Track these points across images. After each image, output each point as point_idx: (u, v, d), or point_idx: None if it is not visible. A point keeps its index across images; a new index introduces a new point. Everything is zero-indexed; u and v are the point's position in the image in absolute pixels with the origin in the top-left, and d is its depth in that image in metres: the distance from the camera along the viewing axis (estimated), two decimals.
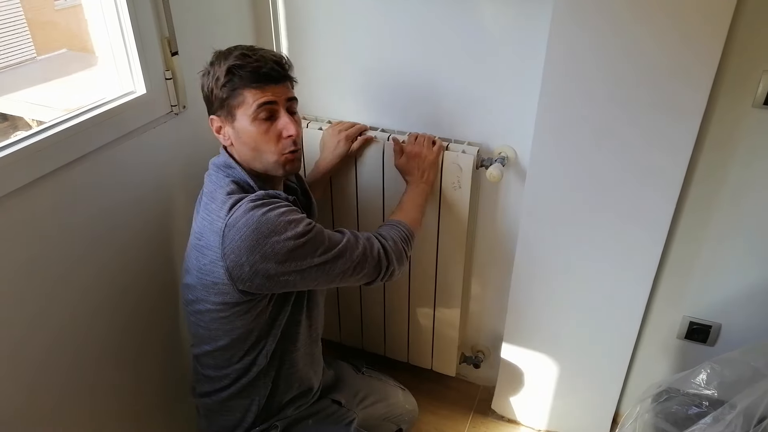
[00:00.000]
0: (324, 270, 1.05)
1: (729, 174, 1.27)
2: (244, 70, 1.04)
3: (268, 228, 0.99)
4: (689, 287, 1.44)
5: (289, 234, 1.00)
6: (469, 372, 1.89)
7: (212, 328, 1.11)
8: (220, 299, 1.05)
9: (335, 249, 1.06)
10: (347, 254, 1.07)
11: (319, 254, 1.04)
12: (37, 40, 1.45)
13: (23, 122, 1.63)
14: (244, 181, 1.08)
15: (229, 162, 1.09)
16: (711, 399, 1.22)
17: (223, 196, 1.04)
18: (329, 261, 1.05)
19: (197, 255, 1.05)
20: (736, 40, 1.13)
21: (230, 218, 1.00)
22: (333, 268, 1.06)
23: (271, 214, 1.00)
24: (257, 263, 1.00)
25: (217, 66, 1.06)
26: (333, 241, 1.06)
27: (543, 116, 1.28)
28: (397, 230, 1.21)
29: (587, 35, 1.16)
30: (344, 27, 1.45)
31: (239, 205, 1.01)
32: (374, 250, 1.12)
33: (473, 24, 1.33)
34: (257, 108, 1.05)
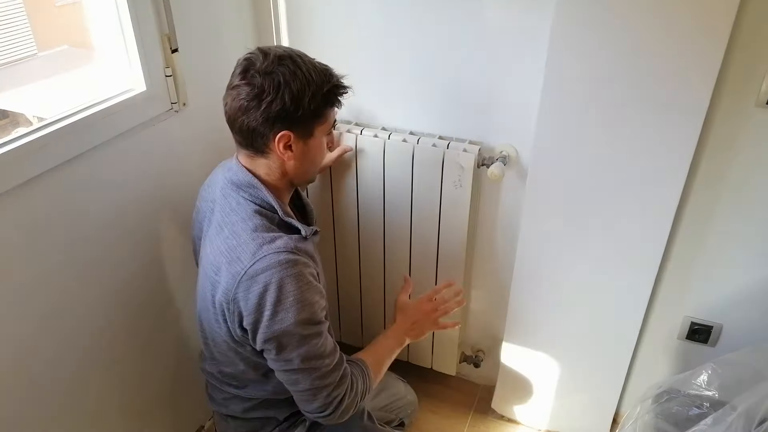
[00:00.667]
0: (286, 368, 1.01)
1: (731, 174, 1.27)
2: (338, 94, 1.03)
3: (283, 303, 0.95)
4: (690, 287, 1.44)
5: (296, 320, 0.96)
6: (470, 371, 1.88)
7: (229, 356, 1.09)
8: (231, 336, 1.04)
9: (312, 361, 1.00)
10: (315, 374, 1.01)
11: (300, 354, 0.99)
12: (38, 36, 1.44)
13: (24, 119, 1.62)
14: (268, 203, 1.03)
15: (253, 182, 1.03)
16: (712, 400, 1.22)
17: (248, 232, 0.99)
18: (302, 367, 1.00)
19: (210, 288, 1.02)
20: (739, 39, 1.12)
21: (251, 267, 0.95)
22: (291, 374, 1.01)
23: (291, 287, 0.96)
24: (254, 323, 0.97)
25: (305, 78, 0.97)
26: (323, 352, 1.01)
27: (545, 115, 1.27)
28: (364, 384, 1.12)
29: (589, 34, 1.15)
30: (345, 24, 1.44)
31: (264, 254, 0.96)
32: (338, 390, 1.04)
33: (475, 22, 1.32)
34: (333, 125, 1.08)
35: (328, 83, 1.00)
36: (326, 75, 1.01)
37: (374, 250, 1.62)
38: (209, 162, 1.43)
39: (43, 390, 1.13)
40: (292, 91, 0.96)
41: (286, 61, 0.97)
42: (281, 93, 0.96)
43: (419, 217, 1.51)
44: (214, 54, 1.39)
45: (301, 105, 0.98)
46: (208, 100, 1.39)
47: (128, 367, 1.34)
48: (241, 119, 0.99)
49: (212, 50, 1.38)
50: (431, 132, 1.48)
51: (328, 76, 1.01)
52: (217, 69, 1.40)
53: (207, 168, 1.42)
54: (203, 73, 1.36)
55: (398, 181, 1.47)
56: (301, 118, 0.99)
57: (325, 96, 1.01)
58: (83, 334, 1.20)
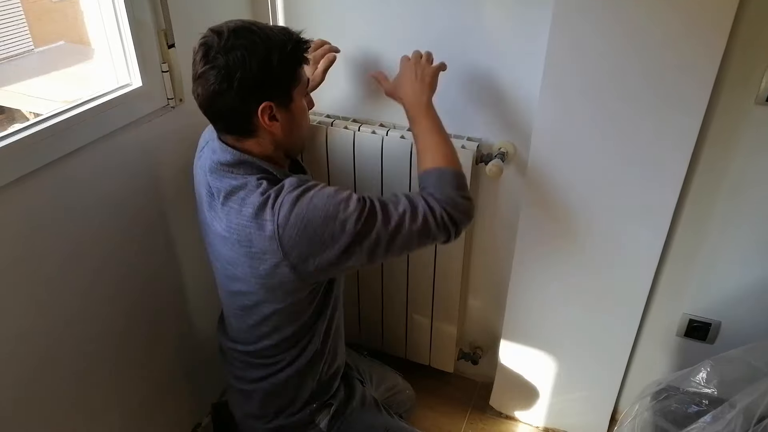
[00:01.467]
0: (387, 245, 1.00)
1: (731, 170, 1.26)
2: (302, 50, 0.99)
3: (320, 216, 0.96)
4: (689, 285, 1.44)
5: (342, 216, 0.96)
6: (467, 368, 1.88)
7: (279, 325, 1.10)
8: (290, 299, 1.05)
9: (391, 223, 0.99)
10: (405, 226, 1.00)
11: (376, 231, 0.98)
12: (34, 32, 1.44)
13: (20, 114, 1.62)
14: (268, 171, 1.03)
15: (243, 158, 1.01)
16: (711, 397, 1.22)
17: (257, 197, 0.98)
18: (389, 236, 1.00)
19: (252, 262, 1.01)
20: (739, 36, 1.12)
21: (279, 217, 0.96)
22: (394, 243, 1.00)
23: (317, 200, 0.97)
24: (320, 253, 0.97)
25: (265, 41, 0.94)
26: (388, 213, 1.00)
27: (544, 111, 1.27)
28: (447, 183, 1.07)
29: (589, 29, 1.15)
30: (342, 19, 1.44)
31: (281, 200, 0.97)
32: (437, 216, 1.03)
33: (473, 17, 1.31)
34: (307, 83, 1.04)
35: (290, 41, 0.97)
36: (284, 34, 0.98)
37: None
38: None
39: (38, 386, 1.12)
40: (258, 60, 0.94)
41: (242, 32, 0.95)
42: (248, 65, 0.93)
43: None
44: None
45: (271, 71, 0.96)
46: None
47: (125, 363, 1.34)
48: (218, 104, 0.97)
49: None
50: None
51: (286, 35, 0.98)
52: None
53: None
54: None
55: (396, 177, 1.46)
56: (275, 84, 0.98)
57: (291, 55, 0.97)
58: (80, 330, 1.19)
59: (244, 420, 1.27)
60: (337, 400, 1.26)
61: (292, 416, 1.21)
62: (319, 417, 1.22)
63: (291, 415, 1.21)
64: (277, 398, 1.21)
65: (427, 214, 1.02)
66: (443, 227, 1.04)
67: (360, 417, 1.29)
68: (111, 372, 1.30)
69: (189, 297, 1.51)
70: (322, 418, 1.22)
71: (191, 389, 1.61)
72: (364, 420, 1.30)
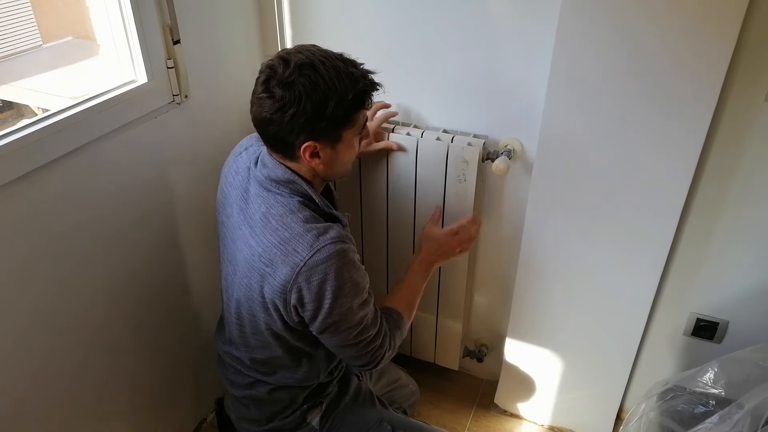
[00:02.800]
0: (335, 340, 1.08)
1: (739, 169, 1.25)
2: (365, 96, 1.00)
3: (342, 290, 1.00)
4: (697, 283, 1.42)
5: (353, 304, 1.03)
6: (472, 366, 1.88)
7: (269, 342, 1.11)
8: (281, 323, 1.07)
9: (361, 337, 1.08)
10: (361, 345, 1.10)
11: (347, 332, 1.06)
12: (42, 27, 1.44)
13: (29, 110, 1.62)
14: (309, 196, 1.05)
15: (293, 178, 1.03)
16: (718, 398, 1.21)
17: (300, 224, 1.00)
18: (348, 343, 1.08)
19: (260, 279, 1.02)
20: (749, 34, 1.10)
21: (311, 258, 0.97)
22: (347, 338, 1.07)
23: (348, 274, 1.01)
24: (312, 311, 1.01)
25: (328, 87, 0.95)
26: (368, 325, 1.09)
27: (551, 108, 1.26)
28: (400, 336, 1.21)
29: (596, 27, 1.14)
30: (350, 15, 1.43)
31: (322, 245, 0.98)
32: (379, 353, 1.14)
33: (481, 16, 1.30)
34: (364, 126, 1.06)
35: (352, 91, 0.97)
36: (350, 81, 0.97)
37: (377, 245, 1.62)
38: (211, 154, 1.43)
39: (44, 383, 1.13)
40: (314, 103, 0.95)
41: (306, 70, 0.94)
42: (303, 105, 0.94)
43: (423, 211, 1.49)
44: (216, 46, 1.38)
45: (324, 115, 0.96)
46: (210, 92, 1.38)
47: (130, 359, 1.35)
48: (268, 129, 0.99)
49: (214, 42, 1.37)
50: (435, 125, 1.47)
51: (352, 82, 0.97)
52: (220, 61, 1.40)
53: (209, 160, 1.42)
54: (205, 65, 1.35)
55: (401, 174, 1.46)
56: (326, 127, 0.98)
57: (350, 103, 0.98)
58: (85, 326, 1.20)
59: (238, 422, 1.28)
60: (328, 398, 1.27)
61: (285, 419, 1.23)
62: (310, 416, 1.24)
63: (284, 418, 1.23)
64: (270, 405, 1.22)
65: (376, 347, 1.13)
66: (371, 359, 1.13)
67: (353, 411, 1.29)
68: (116, 369, 1.31)
69: (195, 293, 1.52)
70: (314, 417, 1.24)
71: (197, 385, 1.62)
72: (358, 414, 1.30)
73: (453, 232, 1.35)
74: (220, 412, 1.34)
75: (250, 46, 1.50)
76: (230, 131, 1.48)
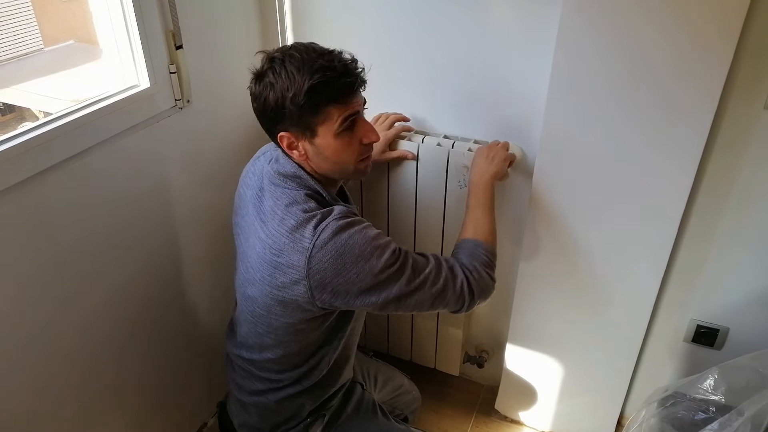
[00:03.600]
0: (402, 301, 1.03)
1: (739, 176, 1.25)
2: (331, 88, 0.97)
3: (356, 253, 0.98)
4: (697, 290, 1.42)
5: (375, 262, 0.99)
6: (473, 371, 1.87)
7: (284, 339, 1.10)
8: (300, 315, 1.05)
9: (415, 281, 1.03)
10: (426, 287, 1.04)
11: (398, 285, 1.02)
12: (44, 31, 1.44)
13: (30, 113, 1.62)
14: (316, 191, 1.06)
15: (299, 173, 1.05)
16: (718, 405, 1.21)
17: (302, 213, 1.01)
18: (408, 293, 1.03)
19: (273, 271, 1.02)
20: (748, 42, 1.11)
21: (318, 239, 0.97)
22: (410, 300, 1.04)
23: (359, 238, 0.99)
24: (340, 286, 0.99)
25: (287, 78, 0.96)
26: (415, 272, 1.04)
27: (551, 115, 1.26)
28: (479, 256, 1.14)
29: (596, 35, 1.14)
30: (351, 20, 1.43)
31: (325, 225, 0.98)
32: (457, 283, 1.08)
33: (481, 22, 1.31)
34: (342, 122, 1.01)
35: (309, 80, 0.95)
36: (310, 71, 0.96)
37: None
38: (213, 159, 1.43)
39: (45, 385, 1.13)
40: (276, 93, 0.98)
41: (275, 63, 0.98)
42: (266, 96, 0.99)
43: (423, 217, 1.50)
44: (219, 50, 1.39)
45: (284, 106, 0.97)
46: (212, 97, 1.38)
47: (132, 362, 1.34)
48: (258, 120, 1.05)
49: (217, 47, 1.38)
50: (436, 131, 1.47)
51: (311, 72, 0.96)
52: (222, 66, 1.40)
53: (211, 165, 1.42)
54: (208, 69, 1.35)
55: (402, 180, 1.46)
56: (291, 118, 0.99)
57: (309, 93, 0.96)
58: (87, 330, 1.20)
59: (240, 429, 1.27)
60: (330, 410, 1.25)
61: (288, 431, 1.22)
62: (312, 428, 1.23)
63: (286, 430, 1.22)
64: (275, 415, 1.21)
65: (448, 279, 1.07)
66: (459, 296, 1.08)
67: (354, 423, 1.28)
68: (117, 372, 1.30)
69: (198, 298, 1.52)
70: (315, 429, 1.23)
71: (198, 389, 1.61)
72: (360, 425, 1.29)
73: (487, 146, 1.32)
74: (222, 415, 1.34)
75: (252, 51, 1.49)
76: (232, 136, 1.48)
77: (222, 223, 1.38)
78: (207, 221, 1.47)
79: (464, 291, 1.08)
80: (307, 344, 1.12)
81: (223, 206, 1.29)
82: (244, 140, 1.50)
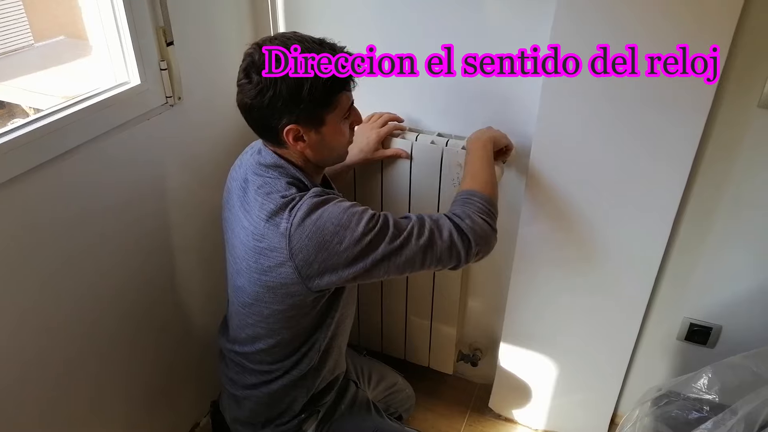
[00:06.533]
0: (390, 261, 1.01)
1: (733, 175, 1.25)
2: (341, 81, 1.00)
3: (334, 223, 0.98)
4: (690, 288, 1.42)
5: (354, 228, 0.98)
6: (467, 370, 1.87)
7: (275, 328, 1.10)
8: (289, 301, 1.05)
9: (399, 238, 1.01)
10: (412, 242, 1.01)
11: (383, 245, 1.00)
12: (34, 26, 1.42)
13: (20, 110, 1.61)
14: (298, 178, 1.06)
15: (280, 162, 1.05)
16: (712, 404, 1.21)
17: (280, 198, 1.01)
18: (394, 251, 1.01)
19: (257, 257, 1.03)
20: (742, 40, 1.11)
21: (294, 218, 0.98)
22: (398, 259, 1.01)
23: (334, 209, 0.99)
24: (326, 260, 0.99)
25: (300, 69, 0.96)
26: (398, 229, 1.02)
27: (545, 113, 1.26)
28: (472, 204, 1.10)
29: (589, 32, 1.14)
30: (343, 14, 1.42)
31: (301, 203, 0.99)
32: (443, 233, 1.04)
33: (475, 19, 1.30)
34: (349, 109, 1.05)
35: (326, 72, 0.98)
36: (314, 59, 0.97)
37: None
38: (204, 156, 1.42)
39: (35, 383, 1.12)
40: (289, 85, 0.96)
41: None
42: (278, 87, 0.96)
43: None
44: (210, 47, 1.37)
45: (300, 97, 0.97)
46: (203, 94, 1.37)
47: (124, 361, 1.33)
48: (252, 115, 1.02)
49: (208, 43, 1.37)
50: (429, 129, 1.47)
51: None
52: (214, 62, 1.39)
53: (202, 162, 1.41)
54: (199, 66, 1.34)
55: (395, 179, 1.45)
56: (305, 110, 0.99)
57: (326, 84, 0.98)
58: (77, 327, 1.19)
59: (233, 424, 1.27)
60: (324, 406, 1.25)
61: (281, 426, 1.22)
62: (306, 424, 1.23)
63: (280, 425, 1.22)
64: (268, 409, 1.21)
65: (433, 230, 1.04)
66: (450, 246, 1.04)
67: (348, 420, 1.29)
68: (109, 370, 1.29)
69: (189, 296, 1.51)
70: (309, 425, 1.23)
71: (191, 389, 1.61)
72: (353, 422, 1.29)
73: None
74: (216, 414, 1.33)
75: (244, 48, 1.49)
76: (223, 133, 1.47)
77: (214, 220, 1.37)
78: (198, 219, 1.46)
79: (455, 240, 1.04)
80: (299, 331, 1.12)
81: (215, 204, 1.28)
82: (236, 137, 1.49)
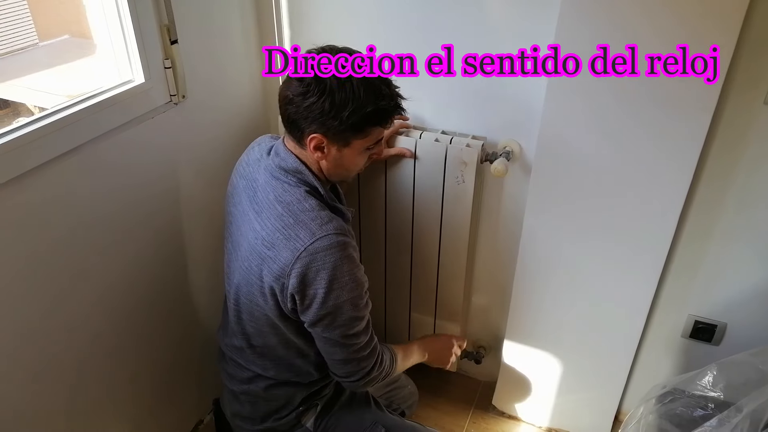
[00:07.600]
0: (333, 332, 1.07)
1: (738, 172, 1.25)
2: (386, 115, 1.03)
3: (339, 281, 1.01)
4: (695, 286, 1.42)
5: (348, 311, 1.04)
6: (470, 367, 1.87)
7: (263, 330, 1.13)
8: (276, 311, 1.08)
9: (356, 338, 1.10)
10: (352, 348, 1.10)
11: (344, 331, 1.07)
12: (39, 25, 1.43)
13: (25, 108, 1.61)
14: (315, 187, 1.08)
15: (301, 167, 1.07)
16: (717, 401, 1.21)
17: (305, 212, 1.03)
18: (342, 342, 1.09)
19: (260, 262, 1.05)
20: (748, 37, 1.10)
21: (311, 245, 1.00)
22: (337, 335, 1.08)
23: (347, 267, 1.02)
24: (308, 300, 1.02)
25: (351, 93, 0.98)
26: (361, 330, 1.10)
27: (550, 110, 1.25)
28: (390, 365, 1.23)
29: (596, 27, 1.13)
30: (348, 15, 1.42)
31: (324, 234, 1.01)
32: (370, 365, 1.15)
33: (479, 16, 1.30)
34: (378, 142, 1.08)
35: (373, 104, 0.99)
36: (375, 95, 0.99)
37: (375, 246, 1.61)
38: (208, 155, 1.42)
39: (41, 382, 1.12)
40: (334, 101, 0.98)
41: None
42: (323, 98, 0.98)
43: (421, 213, 1.49)
44: (214, 45, 1.37)
45: (339, 116, 0.99)
46: (207, 92, 1.37)
47: (128, 360, 1.34)
48: (286, 108, 1.03)
49: (212, 42, 1.37)
50: (434, 126, 1.47)
51: (377, 97, 1.00)
52: (217, 61, 1.39)
53: (206, 160, 1.41)
54: (203, 65, 1.34)
55: (400, 176, 1.45)
56: (338, 128, 1.00)
57: (367, 116, 1.00)
58: (82, 326, 1.19)
59: (233, 419, 1.28)
60: (324, 399, 1.27)
61: (280, 420, 1.23)
62: (305, 418, 1.25)
63: (278, 419, 1.23)
64: (265, 403, 1.22)
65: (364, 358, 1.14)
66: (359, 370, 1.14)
67: (348, 413, 1.30)
68: (115, 370, 1.30)
69: (194, 295, 1.51)
70: (308, 419, 1.25)
71: (194, 386, 1.61)
72: (352, 416, 1.30)
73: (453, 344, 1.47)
74: (218, 412, 1.34)
75: (248, 46, 1.49)
76: (228, 131, 1.47)
77: (218, 218, 1.37)
78: (202, 217, 1.46)
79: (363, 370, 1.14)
80: (286, 341, 1.14)
81: (220, 201, 1.28)
82: (240, 135, 1.49)
